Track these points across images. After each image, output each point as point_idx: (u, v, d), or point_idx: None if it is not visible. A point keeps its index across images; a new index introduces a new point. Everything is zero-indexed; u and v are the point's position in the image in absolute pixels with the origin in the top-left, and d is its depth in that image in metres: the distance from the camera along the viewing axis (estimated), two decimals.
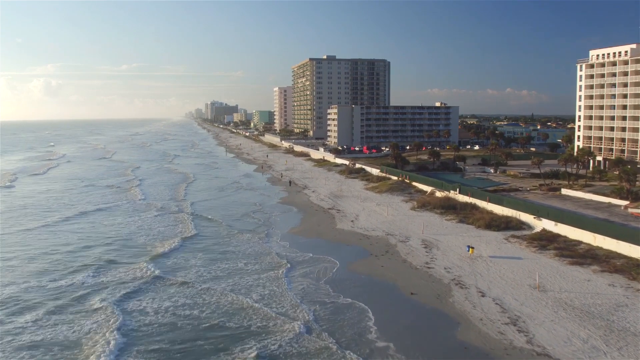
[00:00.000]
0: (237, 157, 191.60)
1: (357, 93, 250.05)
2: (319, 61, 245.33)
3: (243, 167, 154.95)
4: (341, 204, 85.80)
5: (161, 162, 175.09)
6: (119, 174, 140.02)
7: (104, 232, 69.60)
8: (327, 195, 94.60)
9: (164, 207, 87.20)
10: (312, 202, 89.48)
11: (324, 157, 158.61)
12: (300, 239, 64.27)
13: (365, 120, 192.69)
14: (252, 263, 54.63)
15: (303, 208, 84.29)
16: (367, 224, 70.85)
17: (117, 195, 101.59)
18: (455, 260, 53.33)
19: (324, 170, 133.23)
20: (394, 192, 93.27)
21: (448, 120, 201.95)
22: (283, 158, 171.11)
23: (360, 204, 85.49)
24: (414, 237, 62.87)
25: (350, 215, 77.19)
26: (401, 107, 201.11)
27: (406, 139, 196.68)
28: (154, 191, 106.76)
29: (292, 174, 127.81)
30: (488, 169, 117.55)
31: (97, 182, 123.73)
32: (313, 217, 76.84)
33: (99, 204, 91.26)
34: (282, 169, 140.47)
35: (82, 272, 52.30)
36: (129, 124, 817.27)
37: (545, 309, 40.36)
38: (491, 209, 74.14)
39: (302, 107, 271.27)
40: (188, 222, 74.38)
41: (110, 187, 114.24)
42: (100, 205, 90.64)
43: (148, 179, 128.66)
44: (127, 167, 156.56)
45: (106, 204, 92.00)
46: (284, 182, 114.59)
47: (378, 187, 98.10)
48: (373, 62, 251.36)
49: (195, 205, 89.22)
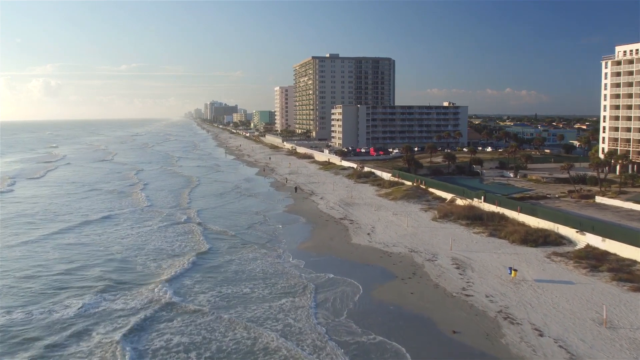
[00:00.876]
0: (238, 159, 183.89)
1: (361, 92, 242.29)
2: (321, 59, 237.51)
3: (244, 170, 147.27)
4: (354, 213, 78.27)
5: (164, 165, 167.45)
6: (121, 177, 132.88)
7: (108, 246, 62.37)
8: (336, 203, 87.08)
9: (170, 216, 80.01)
10: (321, 210, 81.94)
11: (329, 159, 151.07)
12: (314, 256, 56.74)
13: (371, 121, 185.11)
14: (268, 286, 47.39)
15: (312, 218, 76.72)
16: (385, 238, 63.34)
17: (121, 201, 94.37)
18: (496, 285, 45.85)
19: (331, 174, 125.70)
20: (410, 200, 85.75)
21: (457, 120, 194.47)
22: (286, 160, 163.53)
23: (374, 213, 77.95)
24: (442, 255, 55.38)
25: (366, 226, 69.65)
26: (408, 106, 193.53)
27: (413, 140, 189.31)
28: (158, 197, 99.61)
29: (297, 178, 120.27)
30: (507, 173, 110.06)
31: (99, 186, 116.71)
32: (324, 229, 69.27)
33: (102, 211, 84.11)
34: (286, 173, 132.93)
35: (84, 296, 45.48)
36: (129, 124, 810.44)
37: (621, 353, 32.95)
38: (523, 220, 66.67)
39: (304, 107, 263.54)
40: (197, 235, 66.93)
41: (113, 192, 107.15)
42: (103, 212, 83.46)
43: (152, 182, 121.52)
44: (130, 170, 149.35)
45: (110, 210, 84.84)
46: (288, 188, 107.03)
47: (392, 194, 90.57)
48: (377, 60, 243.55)
49: (201, 214, 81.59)
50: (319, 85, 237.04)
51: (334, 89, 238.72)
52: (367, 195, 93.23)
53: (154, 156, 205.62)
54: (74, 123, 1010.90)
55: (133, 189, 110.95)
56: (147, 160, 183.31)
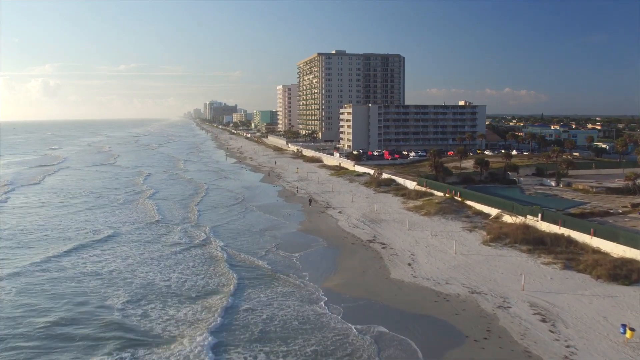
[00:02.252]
0: (240, 162, 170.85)
1: (370, 91, 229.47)
2: (328, 56, 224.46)
3: (248, 176, 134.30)
4: (384, 234, 65.55)
5: (168, 168, 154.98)
6: (127, 183, 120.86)
7: (119, 279, 49.59)
8: (359, 219, 74.42)
9: (184, 234, 67.75)
10: (343, 229, 69.21)
11: (341, 163, 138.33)
12: (349, 300, 43.82)
13: (383, 121, 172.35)
14: (310, 344, 35.15)
15: (335, 240, 63.94)
16: (432, 270, 50.67)
17: (127, 214, 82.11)
18: (611, 352, 33.17)
19: (345, 181, 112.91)
20: (446, 215, 73.07)
21: (474, 121, 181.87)
22: (292, 164, 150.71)
23: (408, 233, 65.24)
24: (515, 298, 42.69)
25: (403, 253, 56.93)
26: (423, 106, 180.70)
27: (428, 142, 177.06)
28: (167, 208, 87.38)
29: (308, 187, 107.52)
30: (547, 181, 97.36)
31: (102, 193, 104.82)
32: (353, 257, 56.48)
33: (106, 228, 71.76)
34: (294, 179, 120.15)
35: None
36: (129, 125, 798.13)
37: None
38: (598, 245, 54.08)
39: (308, 106, 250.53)
40: (219, 266, 54.01)
41: (119, 201, 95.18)
42: (107, 229, 70.96)
43: (159, 189, 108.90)
44: (136, 175, 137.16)
45: (115, 227, 72.41)
46: (300, 199, 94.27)
47: (423, 208, 77.86)
48: (387, 57, 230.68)
49: (215, 232, 68.45)
50: (325, 84, 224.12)
51: (340, 87, 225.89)
52: (393, 209, 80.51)
53: (157, 158, 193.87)
54: (74, 123, 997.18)
55: (139, 197, 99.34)
56: (151, 164, 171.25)
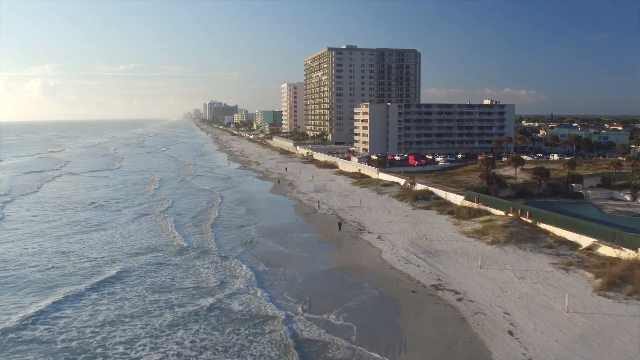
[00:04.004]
0: (245, 168, 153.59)
1: (384, 89, 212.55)
2: (338, 51, 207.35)
3: (255, 185, 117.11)
4: (449, 274, 48.67)
5: (178, 174, 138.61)
6: (136, 192, 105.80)
7: (147, 343, 34.95)
8: (408, 248, 57.57)
9: (217, 274, 50.89)
10: (393, 265, 52.32)
11: (361, 170, 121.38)
12: None
13: (403, 122, 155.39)
14: None
15: (386, 285, 46.86)
16: (550, 345, 33.80)
17: (143, 237, 66.40)
18: None
19: (371, 192, 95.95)
20: (521, 244, 56.17)
21: (502, 121, 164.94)
22: (304, 170, 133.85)
23: (484, 273, 48.34)
24: None
25: (492, 310, 39.96)
26: (447, 105, 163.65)
27: (452, 144, 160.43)
28: (187, 227, 72.74)
29: (329, 199, 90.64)
30: (619, 194, 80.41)
31: (110, 205, 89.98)
32: (423, 320, 39.41)
33: (117, 258, 56.25)
34: (311, 190, 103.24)
35: None
36: (130, 125, 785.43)
37: None
38: None
39: (317, 105, 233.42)
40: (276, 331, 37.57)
41: (130, 216, 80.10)
42: (119, 261, 55.23)
43: (174, 202, 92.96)
44: (146, 182, 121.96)
45: (129, 257, 56.62)
46: (323, 217, 77.47)
47: (487, 233, 60.92)
48: (402, 52, 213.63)
49: (258, 278, 52.20)
50: (336, 81, 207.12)
51: (352, 85, 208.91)
52: (446, 234, 63.56)
53: (164, 162, 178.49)
54: (73, 124, 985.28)
55: (154, 209, 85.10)
56: (159, 168, 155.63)
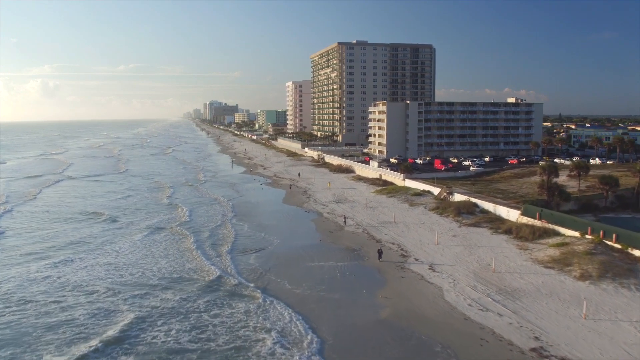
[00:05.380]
0: (251, 172, 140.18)
1: (397, 87, 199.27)
2: (349, 46, 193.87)
3: (265, 193, 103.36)
4: (547, 329, 35.41)
5: (188, 179, 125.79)
6: (147, 200, 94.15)
7: None
8: (476, 286, 44.37)
9: (260, 316, 37.51)
10: (463, 313, 39.07)
11: (382, 175, 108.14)
12: None
13: (424, 122, 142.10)
14: None
15: (465, 351, 33.57)
16: None
17: (158, 260, 54.55)
18: None
19: (401, 202, 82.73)
20: (620, 279, 43.01)
21: (529, 121, 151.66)
22: (318, 176, 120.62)
23: (592, 326, 35.13)
24: None
25: None
26: (470, 103, 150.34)
27: (476, 146, 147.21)
28: (208, 244, 61.74)
29: (354, 212, 77.42)
30: None
31: (119, 216, 78.60)
32: None
33: (137, 294, 44.33)
34: (329, 199, 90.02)
35: None
36: (130, 125, 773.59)
37: None
38: None
39: (325, 104, 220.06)
40: None
41: (142, 232, 67.96)
42: (141, 297, 43.68)
43: (192, 212, 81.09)
44: (154, 188, 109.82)
45: (152, 291, 44.98)
46: (353, 236, 64.28)
47: (569, 262, 47.65)
48: (417, 47, 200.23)
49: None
50: (347, 78, 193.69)
51: (364, 83, 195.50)
52: (516, 262, 50.28)
53: (171, 165, 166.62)
54: (74, 124, 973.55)
55: (170, 223, 72.96)
56: (168, 172, 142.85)
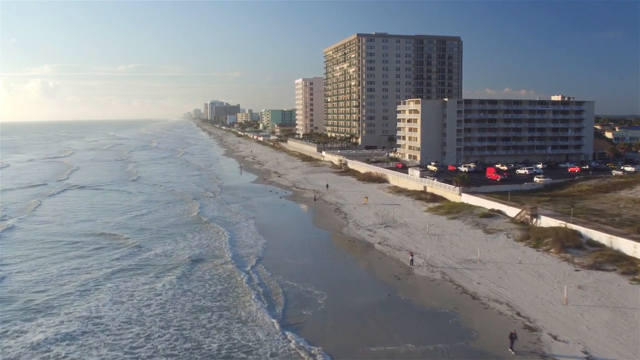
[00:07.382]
0: (264, 180, 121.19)
1: (423, 84, 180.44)
2: (369, 38, 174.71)
3: (289, 211, 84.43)
4: None
5: (205, 189, 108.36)
6: (171, 216, 79.42)
7: None
8: None
9: None
10: None
11: (427, 187, 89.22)
12: None
13: (463, 123, 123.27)
14: None
15: None
16: None
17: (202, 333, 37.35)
18: None
19: (470, 227, 63.86)
20: None
21: (580, 122, 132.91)
22: (347, 186, 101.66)
23: None
24: None
25: None
26: (515, 101, 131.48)
27: (521, 150, 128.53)
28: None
29: (415, 243, 58.62)
30: None
31: (142, 242, 63.01)
32: None
33: None
34: (373, 221, 71.25)
35: None
36: (131, 125, 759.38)
37: None
38: None
39: (341, 103, 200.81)
40: None
41: (173, 271, 51.73)
42: None
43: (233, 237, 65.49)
44: (178, 201, 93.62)
45: None
46: (432, 288, 45.61)
47: None
48: (444, 40, 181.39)
49: None
50: (367, 74, 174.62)
51: (385, 79, 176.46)
52: None
53: (183, 169, 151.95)
54: (74, 124, 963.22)
55: (212, 260, 55.89)
56: (182, 179, 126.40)
